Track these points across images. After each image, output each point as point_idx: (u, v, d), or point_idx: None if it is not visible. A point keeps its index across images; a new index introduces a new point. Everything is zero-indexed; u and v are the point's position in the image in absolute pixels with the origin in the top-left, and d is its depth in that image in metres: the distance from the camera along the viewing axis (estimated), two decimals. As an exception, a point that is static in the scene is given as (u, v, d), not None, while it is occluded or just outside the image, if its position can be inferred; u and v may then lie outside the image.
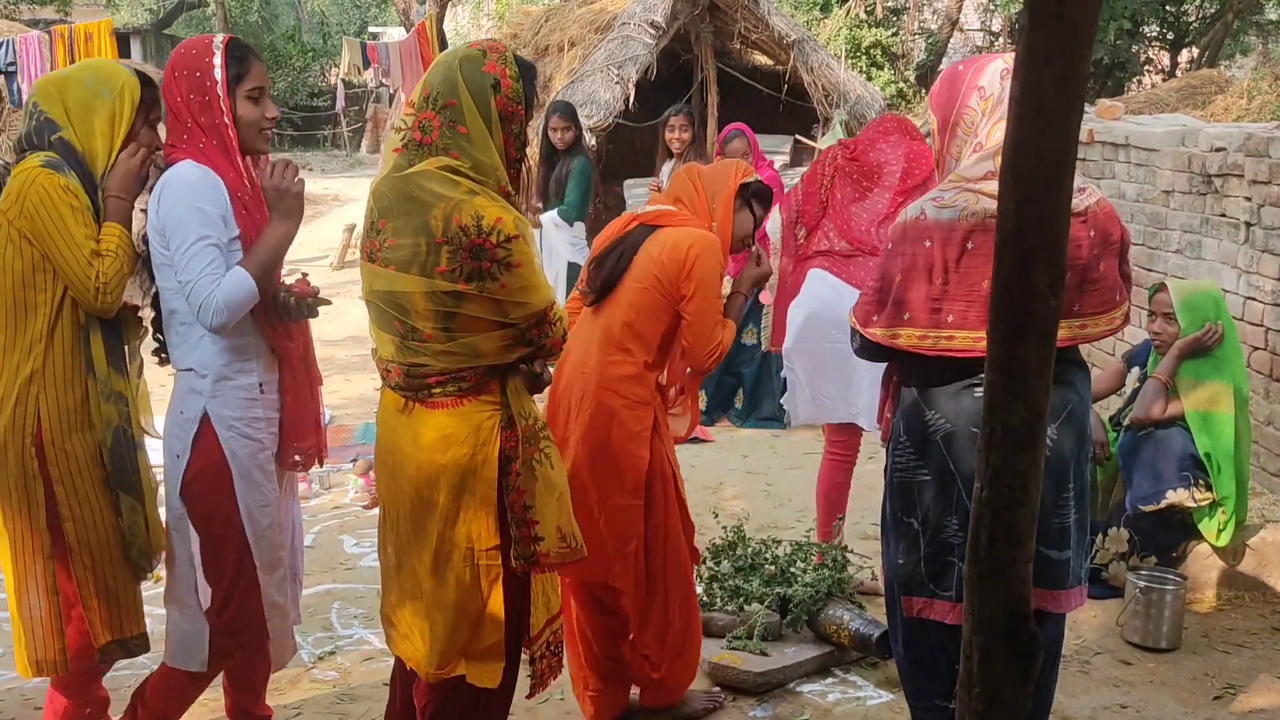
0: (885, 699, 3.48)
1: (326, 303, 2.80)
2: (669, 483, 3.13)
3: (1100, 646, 3.84)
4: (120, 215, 2.69)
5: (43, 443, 2.65)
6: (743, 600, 3.81)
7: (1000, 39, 19.41)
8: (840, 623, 3.63)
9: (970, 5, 20.98)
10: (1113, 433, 4.41)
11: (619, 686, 3.32)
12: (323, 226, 13.32)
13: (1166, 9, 16.42)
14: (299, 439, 2.80)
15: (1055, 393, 2.52)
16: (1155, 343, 4.28)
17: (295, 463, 2.83)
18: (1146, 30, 16.90)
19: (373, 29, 28.43)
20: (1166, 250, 5.56)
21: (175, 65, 2.66)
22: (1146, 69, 17.80)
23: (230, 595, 2.72)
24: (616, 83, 9.99)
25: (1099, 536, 4.17)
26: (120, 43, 12.19)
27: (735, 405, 6.60)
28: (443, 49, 12.98)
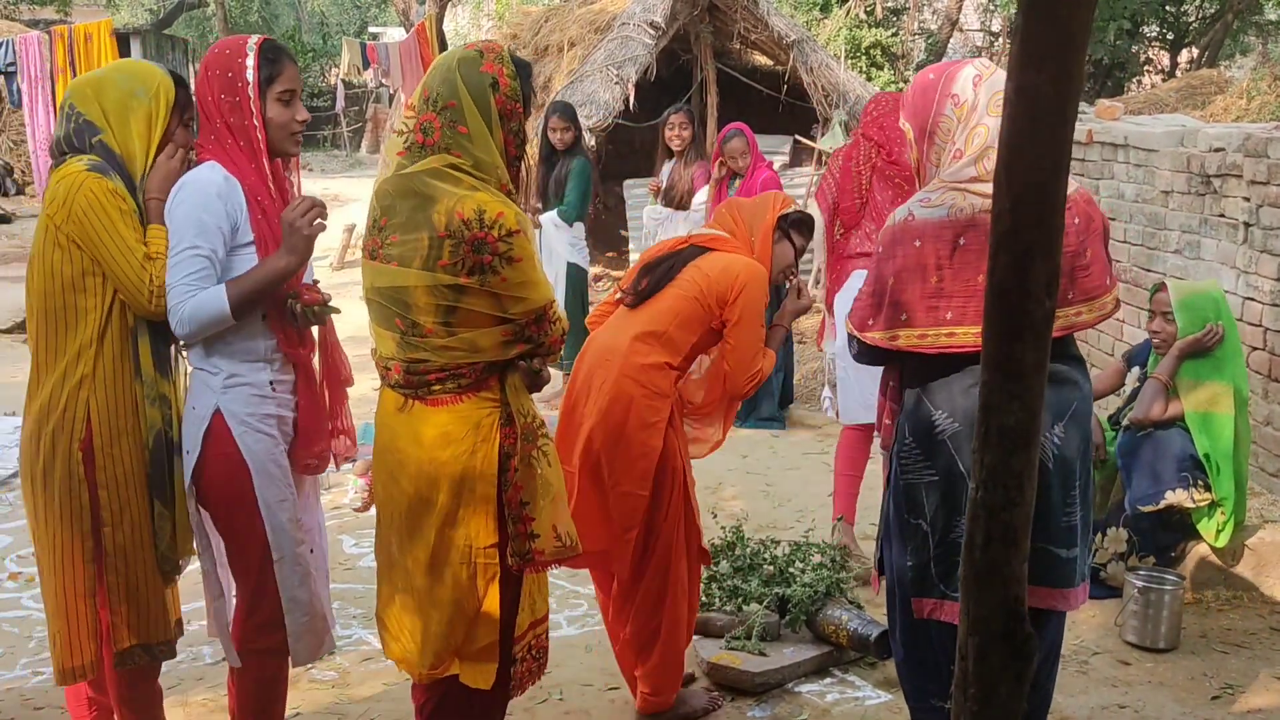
0: (884, 699, 3.48)
1: (336, 310, 2.79)
2: (678, 478, 3.15)
3: (1099, 646, 3.84)
4: (162, 217, 2.66)
5: (92, 447, 2.63)
6: (741, 600, 3.81)
7: (1000, 39, 19.42)
8: (839, 623, 3.63)
9: (970, 5, 20.99)
10: (1111, 432, 4.42)
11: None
12: (323, 227, 13.28)
13: (1166, 9, 16.43)
14: (313, 443, 2.80)
15: (1059, 391, 2.54)
16: (1154, 342, 4.28)
17: (309, 466, 2.83)
18: (1146, 30, 16.92)
19: (372, 29, 28.47)
20: (1165, 250, 5.56)
21: (209, 64, 2.65)
22: (1146, 69, 17.82)
23: (260, 592, 2.70)
24: (616, 83, 9.99)
25: (1098, 536, 4.17)
26: (120, 43, 12.19)
27: (735, 405, 6.59)
28: (442, 49, 12.99)
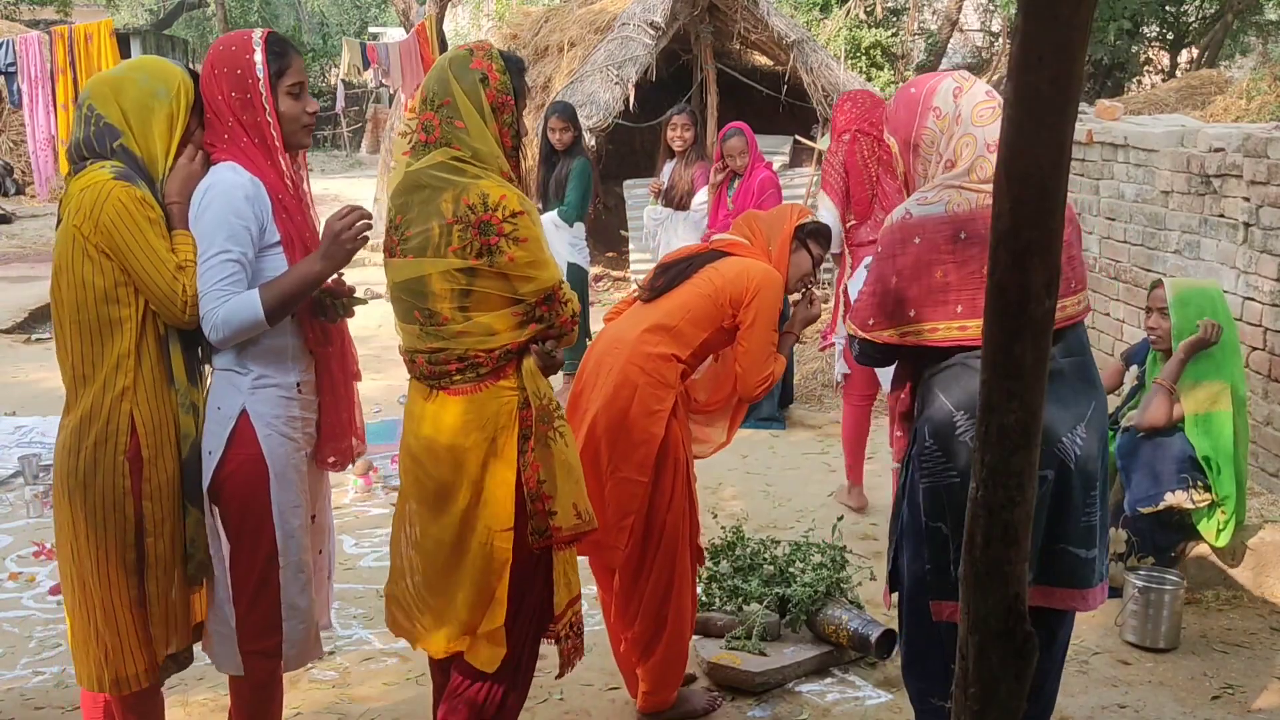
0: (884, 699, 3.49)
1: (362, 301, 2.80)
2: (680, 468, 3.17)
3: (1099, 646, 3.84)
4: (185, 222, 2.62)
5: (140, 458, 2.58)
6: (741, 600, 3.81)
7: (1000, 39, 19.42)
8: (839, 623, 3.63)
9: (970, 6, 21.00)
10: (1110, 433, 4.42)
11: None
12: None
13: (1166, 9, 16.44)
14: (335, 439, 2.80)
15: (1081, 391, 2.56)
16: (1151, 338, 4.29)
17: (331, 463, 2.82)
18: (1146, 30, 16.92)
19: (373, 29, 28.46)
20: (1165, 250, 5.56)
21: (215, 62, 2.62)
22: (1146, 69, 17.82)
23: (260, 595, 2.69)
24: (616, 83, 9.99)
25: (1098, 536, 4.18)
26: (120, 43, 12.18)
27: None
28: (442, 50, 12.99)
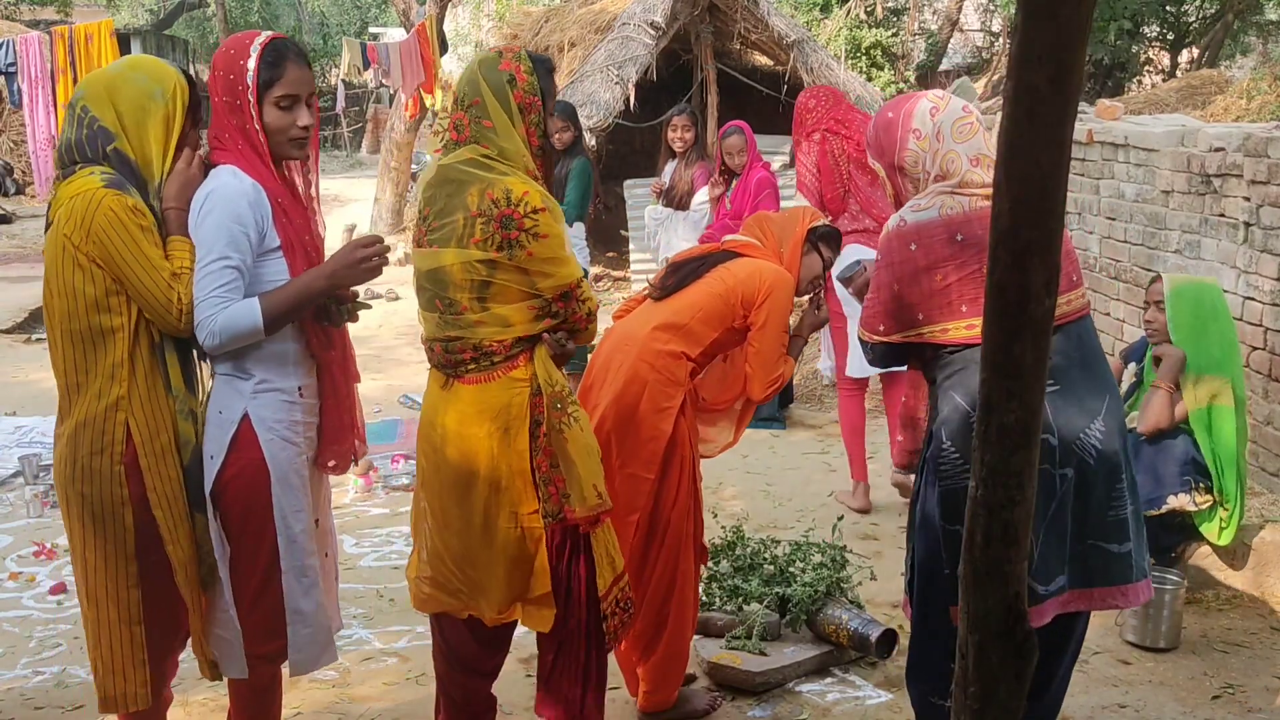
0: (884, 698, 3.49)
1: (367, 306, 2.80)
2: (686, 466, 3.17)
3: (1099, 646, 3.84)
4: (182, 227, 2.59)
5: (138, 466, 2.56)
6: (742, 600, 3.81)
7: (1000, 39, 19.42)
8: (839, 623, 3.63)
9: (970, 6, 20.99)
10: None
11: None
12: (323, 227, 13.30)
13: (1166, 9, 16.42)
14: (336, 443, 2.79)
15: (1094, 387, 2.57)
16: (1148, 332, 4.30)
17: (332, 466, 2.82)
18: (1146, 30, 16.91)
19: (373, 29, 28.46)
20: (1166, 250, 5.56)
21: (216, 63, 2.61)
22: (1146, 69, 17.80)
23: (259, 600, 2.67)
24: (616, 83, 9.99)
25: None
26: (121, 43, 12.17)
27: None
28: (443, 50, 13.00)
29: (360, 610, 4.13)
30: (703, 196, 6.71)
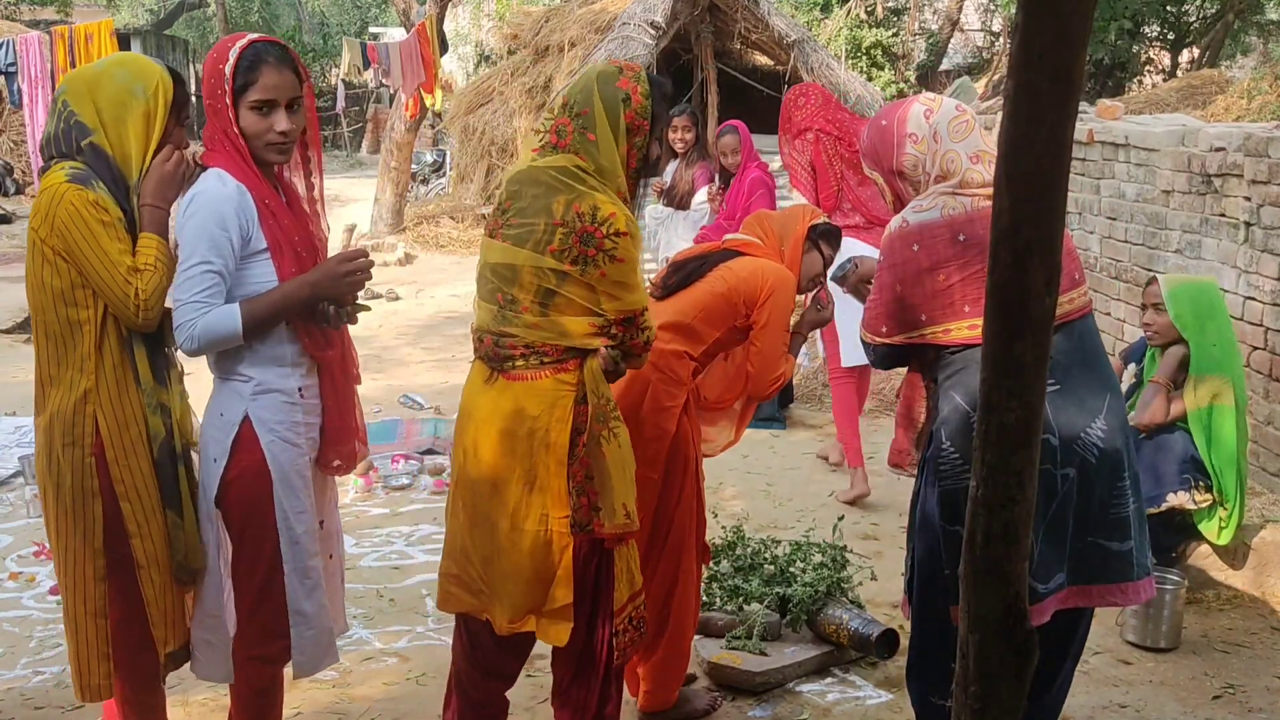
0: (884, 698, 3.48)
1: (366, 308, 2.78)
2: (689, 465, 3.17)
3: (1099, 646, 3.84)
4: (156, 224, 2.60)
5: (105, 460, 2.58)
6: (742, 600, 3.81)
7: (1000, 38, 19.41)
8: (839, 623, 3.63)
9: (970, 5, 21.00)
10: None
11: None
12: (323, 227, 13.30)
13: (1167, 9, 16.43)
14: (339, 443, 2.79)
15: (1095, 386, 2.57)
16: (1147, 334, 4.30)
17: (335, 467, 2.82)
18: (1147, 30, 16.91)
19: (373, 29, 28.48)
20: (1166, 250, 5.56)
21: (206, 64, 2.62)
22: (1147, 69, 17.81)
23: (262, 601, 2.68)
24: (616, 83, 9.98)
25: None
26: (121, 43, 12.18)
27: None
28: (443, 50, 13.02)
29: (360, 610, 4.12)
30: (702, 196, 6.72)
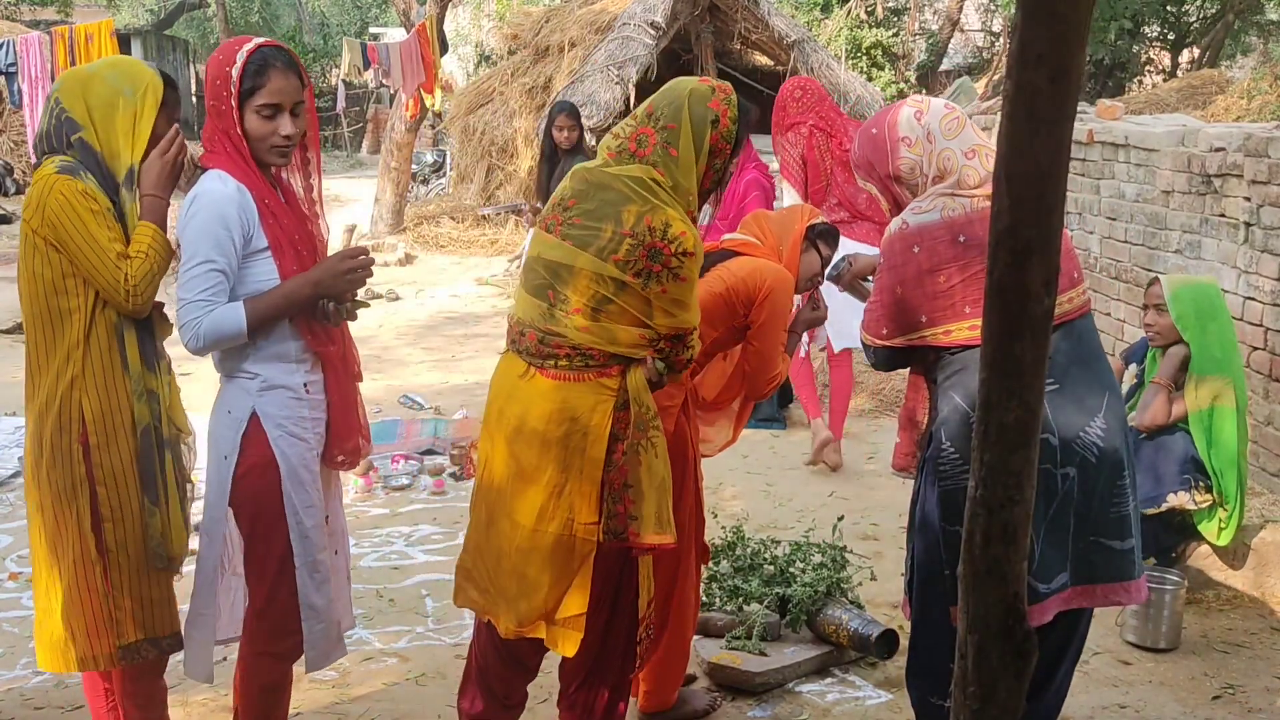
0: (884, 699, 3.48)
1: (365, 305, 2.81)
2: (688, 465, 3.16)
3: (1099, 646, 3.84)
4: (155, 213, 2.67)
5: (89, 445, 2.63)
6: (742, 600, 3.81)
7: (1000, 39, 19.41)
8: (839, 623, 3.63)
9: (970, 5, 21.00)
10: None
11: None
12: (323, 227, 13.30)
13: (1167, 9, 16.43)
14: (345, 439, 2.83)
15: (1093, 385, 2.57)
16: (1149, 335, 4.30)
17: (340, 462, 2.86)
18: (1147, 30, 16.91)
19: (373, 30, 28.47)
20: (1166, 250, 5.56)
21: (209, 65, 2.65)
22: (1147, 69, 17.81)
23: (274, 596, 2.72)
24: (616, 83, 10.00)
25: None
26: (121, 43, 12.20)
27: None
28: (443, 50, 13.01)
29: (360, 610, 4.11)
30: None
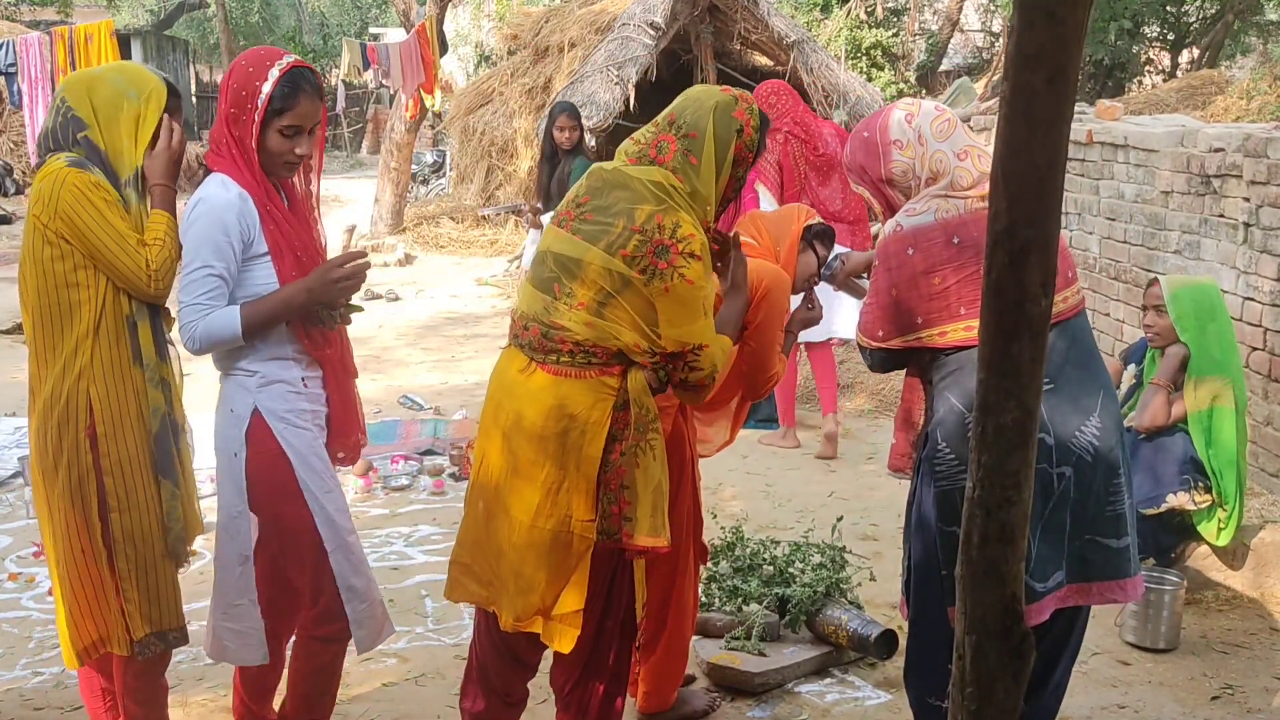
0: (883, 699, 3.48)
1: (359, 309, 2.83)
2: (686, 465, 3.17)
3: (1098, 647, 3.84)
4: (167, 202, 2.73)
5: (96, 435, 2.67)
6: (741, 600, 3.81)
7: (1000, 39, 19.40)
8: (839, 623, 3.63)
9: (970, 6, 21.00)
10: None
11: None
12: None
13: (1167, 9, 16.42)
14: (345, 435, 2.88)
15: (1088, 384, 2.58)
16: (1148, 336, 4.30)
17: (341, 459, 2.90)
18: (1147, 30, 16.90)
19: (373, 30, 28.47)
20: (1165, 251, 5.56)
21: (232, 72, 2.68)
22: (1147, 69, 17.80)
23: (319, 583, 2.77)
24: (616, 83, 10.00)
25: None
26: (121, 44, 12.18)
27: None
28: (443, 50, 13.01)
29: (359, 611, 4.12)
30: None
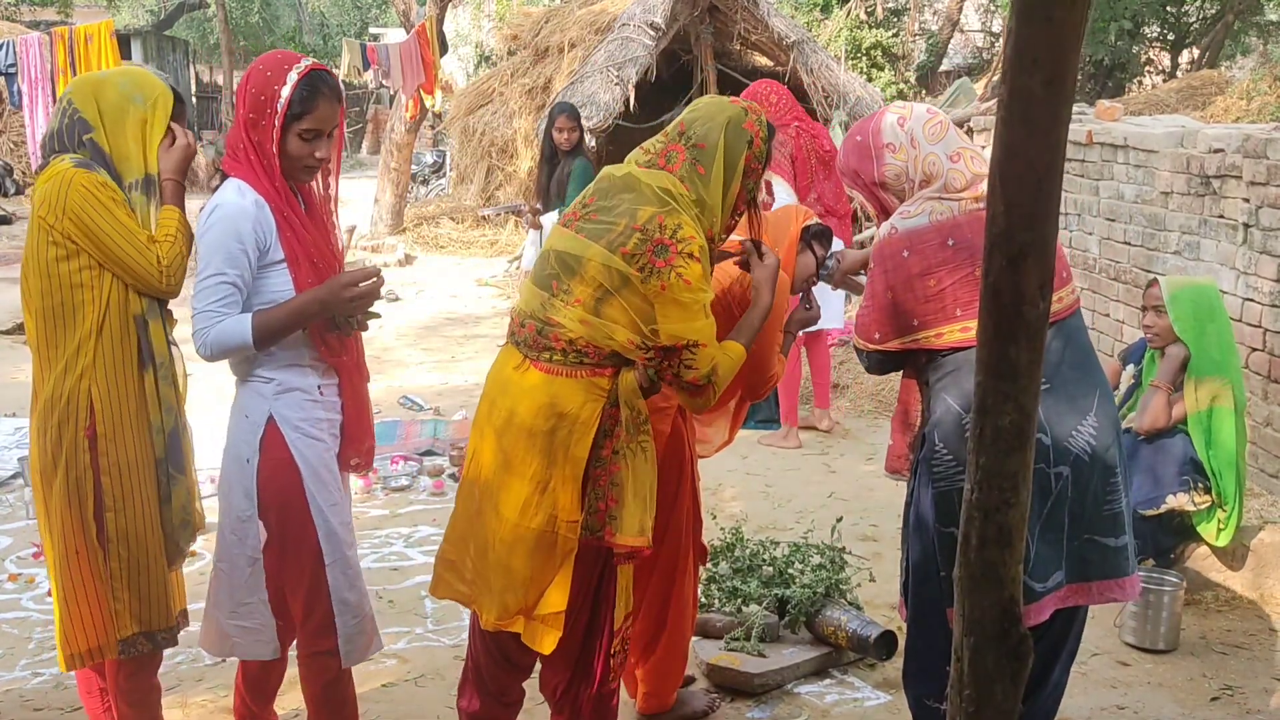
0: (883, 700, 3.49)
1: (376, 315, 2.81)
2: (685, 466, 3.17)
3: (1098, 647, 3.84)
4: (175, 196, 2.74)
5: (95, 436, 2.67)
6: (741, 601, 3.81)
7: (999, 40, 19.39)
8: (838, 624, 3.63)
9: (970, 6, 21.00)
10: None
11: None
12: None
13: (1167, 10, 16.42)
14: (359, 441, 2.86)
15: (1084, 385, 2.58)
16: (1147, 336, 4.30)
17: (354, 465, 2.89)
18: (1147, 31, 16.90)
19: (373, 30, 28.46)
20: (1165, 251, 5.56)
21: (250, 76, 2.68)
22: (1147, 70, 17.80)
23: (315, 596, 2.75)
24: (616, 84, 10.00)
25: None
26: (121, 44, 12.18)
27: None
28: (443, 50, 13.01)
29: (359, 611, 4.12)
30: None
